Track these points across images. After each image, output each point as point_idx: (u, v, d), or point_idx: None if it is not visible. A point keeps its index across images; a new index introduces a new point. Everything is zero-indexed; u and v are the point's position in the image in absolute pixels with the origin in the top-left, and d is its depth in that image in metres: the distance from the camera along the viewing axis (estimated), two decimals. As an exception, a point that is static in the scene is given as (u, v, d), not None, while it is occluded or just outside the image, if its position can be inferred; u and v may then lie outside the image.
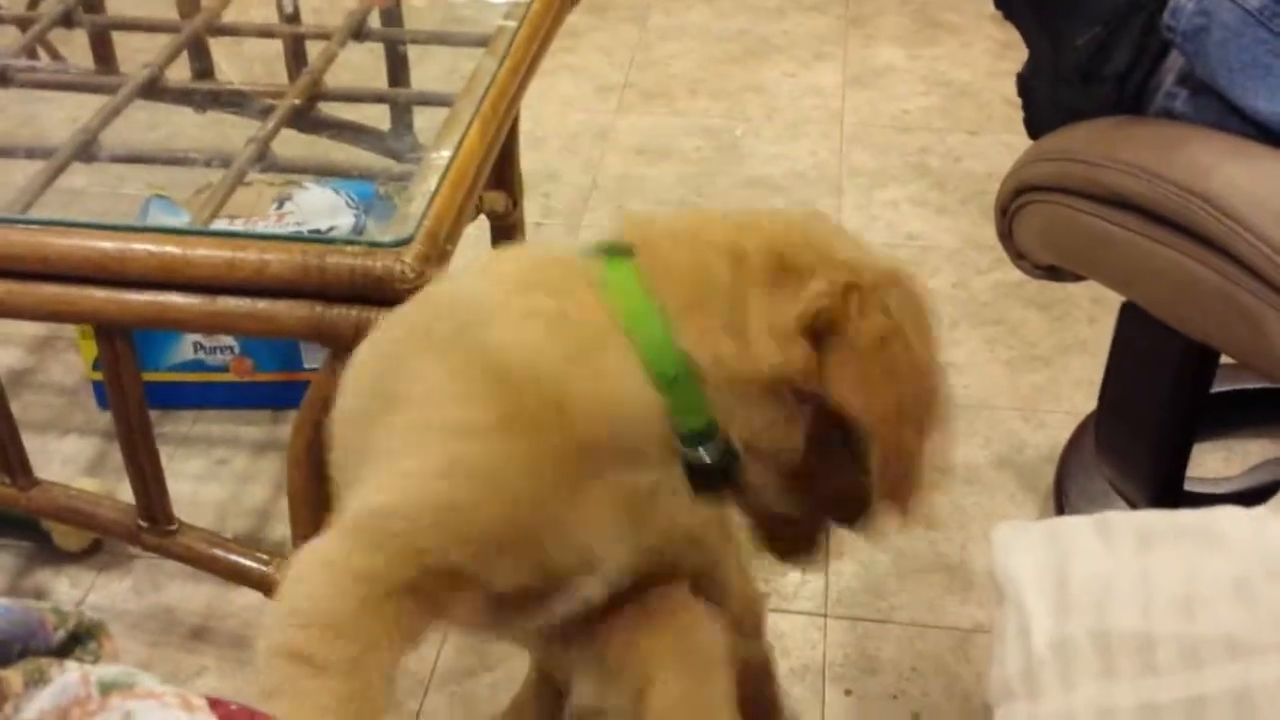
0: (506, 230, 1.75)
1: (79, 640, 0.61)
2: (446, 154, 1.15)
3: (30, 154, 1.30)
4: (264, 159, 1.28)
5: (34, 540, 1.49)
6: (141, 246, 1.06)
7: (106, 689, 0.56)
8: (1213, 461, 1.57)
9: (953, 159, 2.15)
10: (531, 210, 1.96)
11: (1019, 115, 1.27)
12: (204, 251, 1.06)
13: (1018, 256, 1.29)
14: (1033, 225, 1.23)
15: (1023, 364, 1.73)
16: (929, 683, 1.34)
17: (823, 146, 2.19)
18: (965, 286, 1.87)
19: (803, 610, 1.42)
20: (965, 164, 2.13)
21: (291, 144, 1.40)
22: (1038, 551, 0.62)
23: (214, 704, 0.59)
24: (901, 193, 2.07)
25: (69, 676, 0.56)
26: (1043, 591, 0.61)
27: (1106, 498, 1.38)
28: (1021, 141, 1.26)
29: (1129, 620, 0.58)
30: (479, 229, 1.73)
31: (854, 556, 1.47)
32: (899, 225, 2.00)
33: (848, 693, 1.34)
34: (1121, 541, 0.61)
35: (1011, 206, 1.24)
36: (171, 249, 1.06)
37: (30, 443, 1.29)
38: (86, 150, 1.30)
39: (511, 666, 1.36)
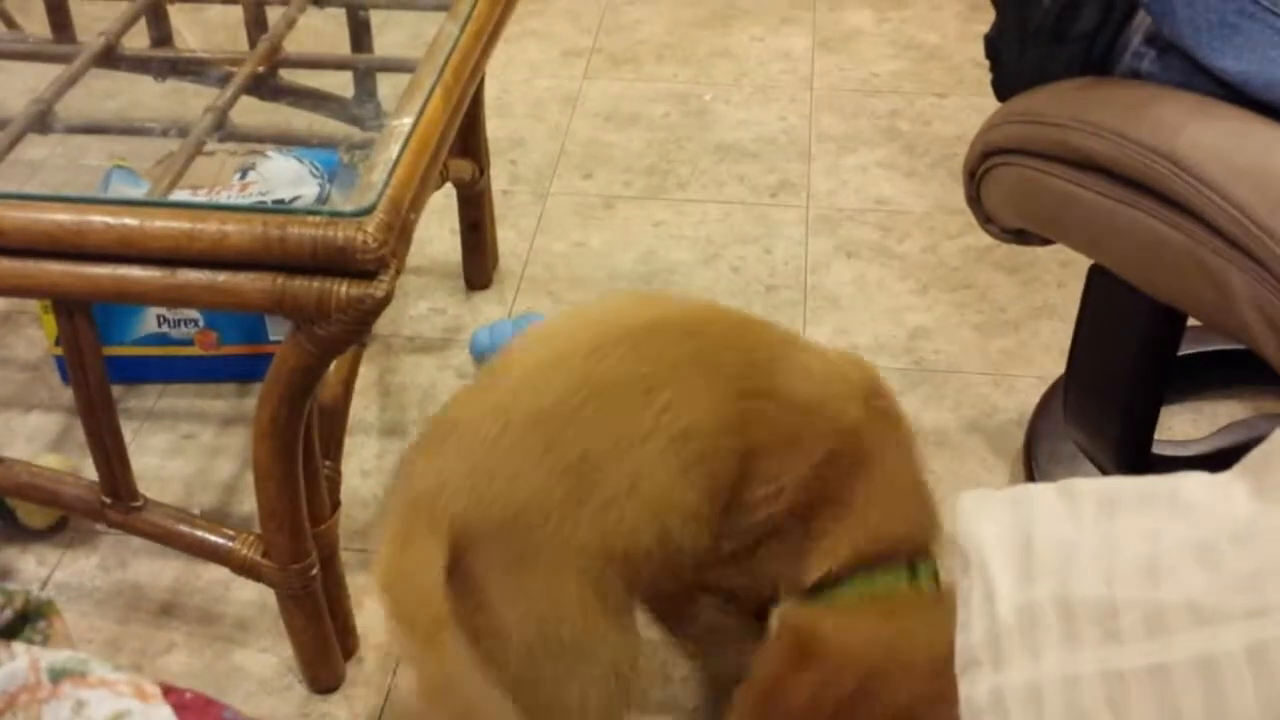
0: (473, 198, 1.74)
1: (27, 619, 0.60)
2: (408, 121, 1.13)
3: (-15, 125, 1.28)
4: (223, 127, 1.26)
5: (-2, 518, 1.48)
6: (98, 218, 1.04)
7: (58, 676, 0.54)
8: (1181, 424, 1.57)
9: (922, 122, 2.14)
10: (499, 177, 1.95)
11: (988, 77, 1.26)
12: (162, 223, 1.04)
13: (986, 221, 1.28)
14: (1000, 189, 1.22)
15: (992, 328, 1.73)
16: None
17: (792, 111, 2.18)
18: (935, 251, 1.87)
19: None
20: (935, 127, 2.13)
21: (252, 112, 1.38)
22: (1002, 518, 0.62)
23: (168, 691, 0.57)
24: (871, 157, 2.06)
25: (18, 662, 0.55)
26: (1007, 558, 0.60)
27: (1076, 461, 1.39)
28: (991, 104, 1.25)
29: (1093, 587, 0.57)
30: (446, 197, 1.72)
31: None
32: (869, 189, 1.99)
33: (819, 658, 1.34)
34: (1085, 507, 0.61)
35: (979, 170, 1.24)
36: (129, 221, 1.04)
37: (-9, 419, 1.27)
38: (42, 121, 1.27)
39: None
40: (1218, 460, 0.67)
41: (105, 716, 0.53)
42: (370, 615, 1.38)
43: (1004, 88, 1.24)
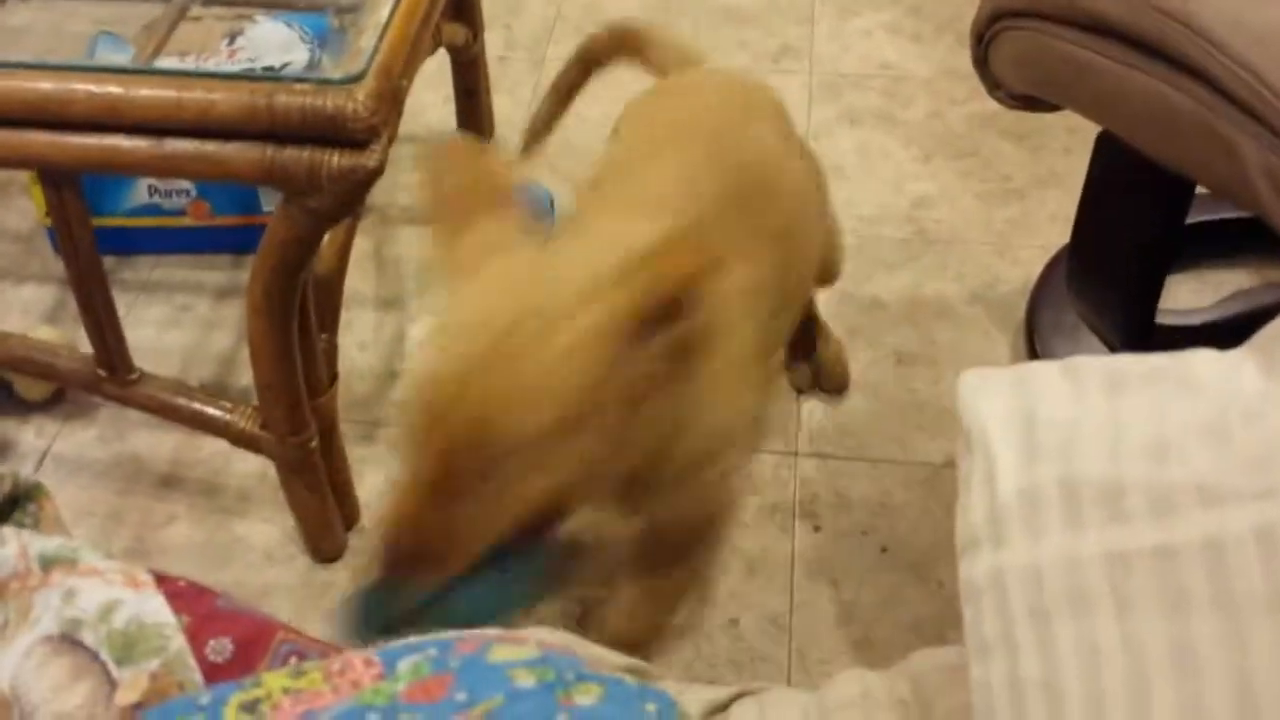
0: (467, 64, 1.70)
1: (17, 503, 0.59)
2: (398, -16, 1.10)
3: (-38, -11, 1.24)
4: (209, -9, 1.23)
5: (-5, 390, 1.47)
6: (82, 87, 1.02)
7: (48, 564, 0.54)
8: (1184, 293, 1.56)
9: (928, -16, 2.08)
10: (493, 43, 1.90)
11: (996, -63, 1.22)
12: (147, 91, 1.01)
13: (993, 86, 1.25)
14: (1009, 53, 1.19)
15: (996, 197, 1.71)
16: (898, 518, 1.35)
17: (795, -28, 2.12)
18: (940, 117, 1.83)
19: (773, 450, 1.42)
20: (941, -11, 2.07)
21: (238, -25, 1.35)
22: (1005, 397, 0.61)
23: (161, 580, 0.57)
24: (875, 20, 2.01)
25: (6, 549, 0.54)
26: (1009, 438, 0.59)
27: (1078, 332, 1.38)
28: (999, -35, 1.22)
29: (1097, 466, 0.56)
30: (440, 63, 1.68)
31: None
32: (873, 54, 1.95)
33: (817, 529, 1.35)
34: (1091, 386, 0.60)
35: (987, 33, 1.20)
36: (113, 89, 1.02)
37: (-16, 292, 1.26)
38: (22, -15, 1.24)
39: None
40: (1221, 329, 0.66)
41: (97, 605, 0.53)
42: (371, 486, 1.39)
43: (1014, -53, 1.20)
